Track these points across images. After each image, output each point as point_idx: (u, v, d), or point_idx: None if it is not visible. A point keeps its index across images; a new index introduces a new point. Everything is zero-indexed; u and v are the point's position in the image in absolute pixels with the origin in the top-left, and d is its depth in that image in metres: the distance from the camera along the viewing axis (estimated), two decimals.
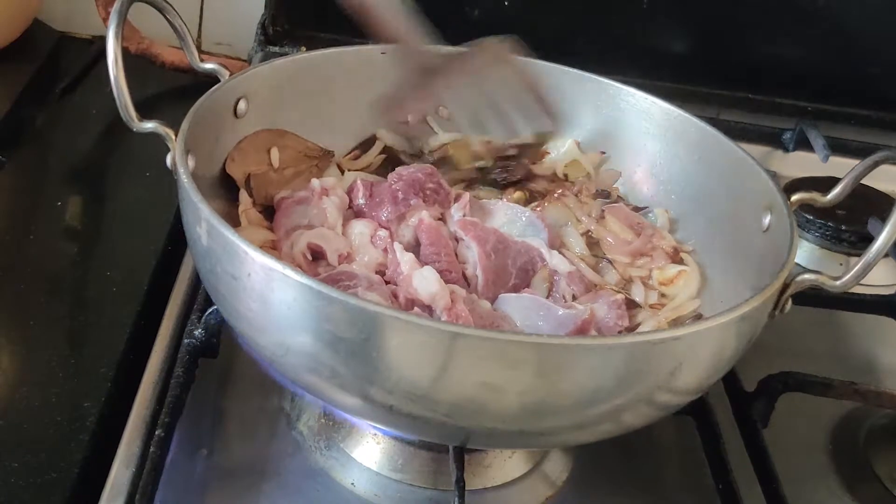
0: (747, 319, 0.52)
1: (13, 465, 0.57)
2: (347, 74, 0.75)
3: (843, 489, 0.69)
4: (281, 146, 0.70)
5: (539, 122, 0.73)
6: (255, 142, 0.68)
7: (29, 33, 1.02)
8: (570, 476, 0.65)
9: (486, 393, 0.47)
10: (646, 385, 0.49)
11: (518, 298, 0.61)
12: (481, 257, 0.63)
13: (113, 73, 0.56)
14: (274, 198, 0.67)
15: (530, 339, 0.47)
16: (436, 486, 0.62)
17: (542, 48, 0.79)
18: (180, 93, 0.99)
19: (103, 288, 0.71)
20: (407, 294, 0.58)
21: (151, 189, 0.84)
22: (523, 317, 0.60)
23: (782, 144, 1.06)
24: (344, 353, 0.47)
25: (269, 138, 0.69)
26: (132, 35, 0.99)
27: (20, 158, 0.86)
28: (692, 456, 0.68)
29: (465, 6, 1.00)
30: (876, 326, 0.86)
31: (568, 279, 0.65)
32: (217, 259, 0.51)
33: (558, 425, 0.51)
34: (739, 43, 1.03)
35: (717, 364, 0.53)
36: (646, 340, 0.48)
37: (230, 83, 0.66)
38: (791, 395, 0.71)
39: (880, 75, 1.06)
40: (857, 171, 0.63)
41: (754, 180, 0.66)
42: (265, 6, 1.00)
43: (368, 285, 0.58)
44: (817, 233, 0.93)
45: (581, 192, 0.74)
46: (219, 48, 1.09)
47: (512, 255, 0.64)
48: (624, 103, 0.76)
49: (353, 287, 0.58)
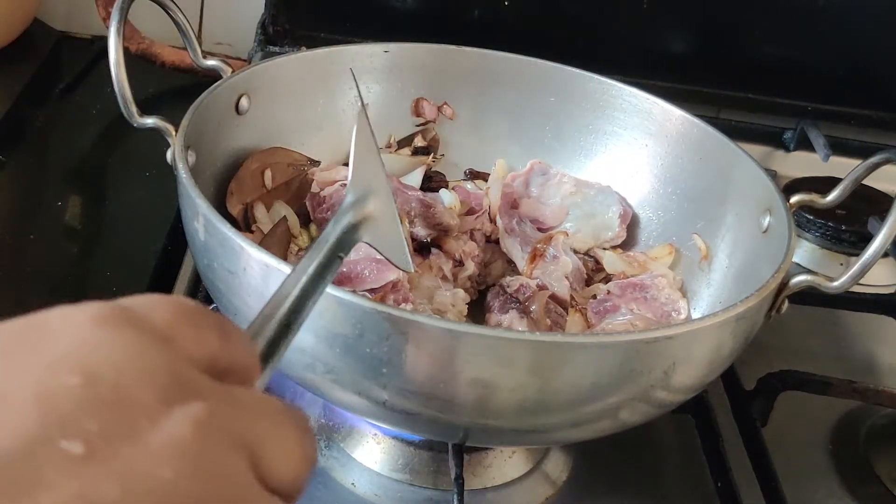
0: (743, 319, 0.52)
1: None
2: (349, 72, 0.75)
3: (843, 488, 0.69)
4: (272, 164, 0.70)
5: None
6: (249, 168, 0.68)
7: (29, 33, 1.02)
8: (570, 476, 0.65)
9: (481, 390, 0.47)
10: (641, 383, 0.49)
11: None
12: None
13: (114, 68, 0.57)
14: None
15: (524, 337, 0.47)
16: (436, 485, 0.62)
17: (542, 48, 0.79)
18: (181, 92, 0.99)
19: (103, 288, 0.72)
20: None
21: (151, 189, 0.84)
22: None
23: (783, 144, 1.06)
24: (339, 350, 0.47)
25: (261, 159, 0.69)
26: (133, 35, 0.99)
27: (20, 158, 0.86)
28: (691, 455, 0.68)
29: (465, 6, 1.00)
30: (876, 326, 0.86)
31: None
32: (214, 254, 0.51)
33: (555, 422, 0.51)
34: (739, 43, 1.03)
35: (713, 363, 0.53)
36: (640, 339, 0.48)
37: (232, 80, 0.66)
38: (791, 394, 0.71)
39: (881, 75, 1.06)
40: (857, 172, 0.63)
41: (754, 181, 0.66)
42: (265, 6, 1.00)
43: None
44: (817, 233, 0.93)
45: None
46: (219, 48, 1.09)
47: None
48: (625, 103, 0.76)
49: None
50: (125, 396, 0.24)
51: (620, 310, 0.66)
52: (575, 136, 0.78)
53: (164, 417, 0.25)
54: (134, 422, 0.24)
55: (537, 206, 0.76)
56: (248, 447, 0.26)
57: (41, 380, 0.24)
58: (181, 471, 0.24)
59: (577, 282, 0.70)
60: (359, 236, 0.41)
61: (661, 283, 0.68)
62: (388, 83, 0.77)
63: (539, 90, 0.78)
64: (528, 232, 0.74)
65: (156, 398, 0.25)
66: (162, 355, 0.26)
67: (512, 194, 0.76)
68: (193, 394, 0.26)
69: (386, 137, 0.79)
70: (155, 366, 0.26)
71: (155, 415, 0.25)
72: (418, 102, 0.79)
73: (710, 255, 0.69)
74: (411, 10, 1.00)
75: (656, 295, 0.67)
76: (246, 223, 0.67)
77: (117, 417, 0.24)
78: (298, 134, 0.74)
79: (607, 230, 0.74)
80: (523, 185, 0.77)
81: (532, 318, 0.63)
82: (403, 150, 0.78)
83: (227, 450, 0.26)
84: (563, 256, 0.69)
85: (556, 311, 0.65)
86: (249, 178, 0.68)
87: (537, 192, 0.77)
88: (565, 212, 0.76)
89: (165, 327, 0.27)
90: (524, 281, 0.67)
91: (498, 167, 0.79)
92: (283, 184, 0.71)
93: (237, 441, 0.26)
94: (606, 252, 0.73)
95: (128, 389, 0.25)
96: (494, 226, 0.73)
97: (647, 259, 0.72)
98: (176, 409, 0.25)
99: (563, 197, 0.76)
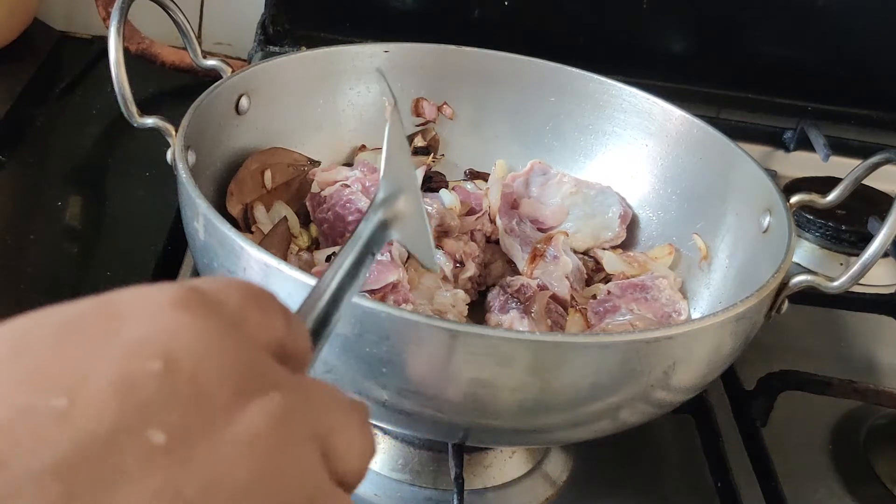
0: (743, 319, 0.52)
1: None
2: (350, 72, 0.76)
3: (843, 489, 0.69)
4: (272, 164, 0.70)
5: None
6: (249, 168, 0.68)
7: (29, 33, 1.02)
8: (570, 476, 0.65)
9: (480, 390, 0.47)
10: (640, 383, 0.49)
11: None
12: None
13: (114, 69, 0.57)
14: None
15: (523, 337, 0.47)
16: (436, 485, 0.62)
17: (542, 48, 0.79)
18: (181, 92, 0.99)
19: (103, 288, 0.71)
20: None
21: (151, 189, 0.84)
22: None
23: (783, 144, 1.06)
24: (338, 349, 0.47)
25: (261, 160, 0.69)
26: (132, 35, 0.99)
27: (20, 158, 0.86)
28: (691, 455, 0.68)
29: (465, 6, 1.00)
30: (876, 325, 0.86)
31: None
32: (214, 254, 0.51)
33: (554, 422, 0.51)
34: (739, 43, 1.03)
35: (712, 363, 0.53)
36: (640, 339, 0.48)
37: (232, 80, 0.66)
38: (791, 394, 0.71)
39: (881, 75, 1.06)
40: (857, 172, 0.63)
41: (754, 181, 0.66)
42: (265, 6, 1.00)
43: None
44: (817, 233, 0.93)
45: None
46: (219, 48, 1.09)
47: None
48: (626, 103, 0.76)
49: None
50: (205, 387, 0.24)
51: (620, 310, 0.66)
52: (575, 136, 0.78)
53: (240, 411, 0.24)
54: (212, 414, 0.24)
55: (537, 207, 0.76)
56: (321, 440, 0.26)
57: (121, 364, 0.23)
58: (258, 468, 0.23)
59: (577, 282, 0.70)
60: (389, 234, 0.41)
61: (662, 284, 0.68)
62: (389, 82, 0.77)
63: (539, 90, 0.78)
64: (528, 232, 0.74)
65: (233, 390, 0.24)
66: (238, 343, 0.26)
67: (512, 194, 0.76)
68: (269, 385, 0.25)
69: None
70: (233, 355, 0.25)
71: (233, 408, 0.24)
72: (418, 102, 0.79)
73: (710, 255, 0.69)
74: (411, 10, 1.00)
75: (657, 296, 0.67)
76: (246, 223, 0.67)
77: (196, 409, 0.23)
78: (298, 134, 0.74)
79: (607, 230, 0.74)
80: (523, 185, 0.77)
81: (533, 318, 0.63)
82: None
83: (302, 444, 0.25)
84: (563, 256, 0.69)
85: (556, 311, 0.65)
86: (249, 178, 0.68)
87: (537, 193, 0.77)
88: (565, 212, 0.76)
89: (237, 310, 0.27)
90: (525, 281, 0.67)
91: (498, 167, 0.79)
92: (283, 184, 0.71)
93: (311, 434, 0.26)
94: (606, 252, 0.73)
95: (207, 380, 0.24)
96: (494, 226, 0.73)
97: (647, 259, 0.72)
98: (252, 402, 0.24)
99: (563, 197, 0.76)
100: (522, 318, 0.63)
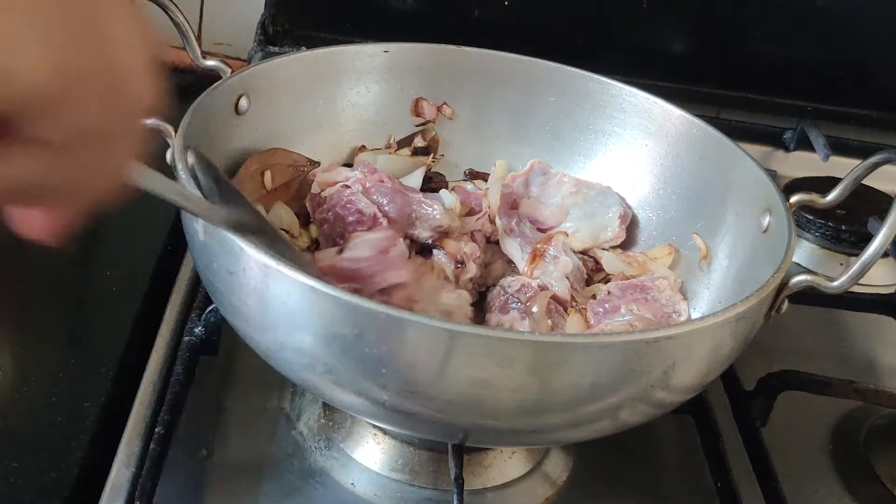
0: (742, 319, 0.52)
1: (13, 465, 0.57)
2: (350, 72, 0.76)
3: (843, 488, 0.69)
4: (272, 165, 0.70)
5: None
6: (249, 169, 0.68)
7: None
8: (570, 476, 0.65)
9: (480, 390, 0.47)
10: (640, 383, 0.49)
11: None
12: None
13: None
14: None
15: (523, 337, 0.48)
16: (436, 485, 0.62)
17: (542, 48, 0.79)
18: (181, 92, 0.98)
19: (103, 288, 0.72)
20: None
21: None
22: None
23: (783, 144, 1.06)
24: (338, 349, 0.47)
25: (261, 160, 0.69)
26: None
27: None
28: (691, 455, 0.68)
29: (465, 6, 1.00)
30: (875, 325, 0.86)
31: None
32: (213, 255, 0.51)
33: (555, 423, 0.51)
34: (739, 43, 1.03)
35: (712, 363, 0.53)
36: (640, 339, 0.48)
37: (231, 80, 0.66)
38: (791, 394, 0.71)
39: (881, 75, 1.06)
40: (857, 172, 0.63)
41: (754, 181, 0.66)
42: (265, 6, 1.00)
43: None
44: (817, 233, 0.93)
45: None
46: (218, 48, 1.09)
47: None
48: (625, 103, 0.76)
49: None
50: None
51: (620, 310, 0.66)
52: (575, 136, 0.78)
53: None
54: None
55: (537, 207, 0.76)
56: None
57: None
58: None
59: (577, 282, 0.70)
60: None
61: (662, 284, 0.68)
62: (388, 83, 0.77)
63: (539, 90, 0.78)
64: (528, 232, 0.74)
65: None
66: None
67: (512, 194, 0.76)
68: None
69: (386, 138, 0.79)
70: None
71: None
72: (418, 102, 0.79)
73: (710, 255, 0.69)
74: (411, 10, 1.00)
75: (657, 296, 0.67)
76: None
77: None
78: (298, 134, 0.74)
79: (607, 230, 0.74)
80: (523, 185, 0.77)
81: (533, 318, 0.63)
82: (403, 150, 0.78)
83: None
84: (563, 256, 0.69)
85: (556, 311, 0.65)
86: (249, 179, 0.68)
87: (537, 193, 0.77)
88: (565, 212, 0.76)
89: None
90: (526, 281, 0.67)
91: (498, 167, 0.79)
92: (282, 185, 0.71)
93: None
94: (606, 252, 0.73)
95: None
96: (494, 226, 0.73)
97: (646, 259, 0.72)
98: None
99: (563, 197, 0.76)
100: (523, 318, 0.63)
